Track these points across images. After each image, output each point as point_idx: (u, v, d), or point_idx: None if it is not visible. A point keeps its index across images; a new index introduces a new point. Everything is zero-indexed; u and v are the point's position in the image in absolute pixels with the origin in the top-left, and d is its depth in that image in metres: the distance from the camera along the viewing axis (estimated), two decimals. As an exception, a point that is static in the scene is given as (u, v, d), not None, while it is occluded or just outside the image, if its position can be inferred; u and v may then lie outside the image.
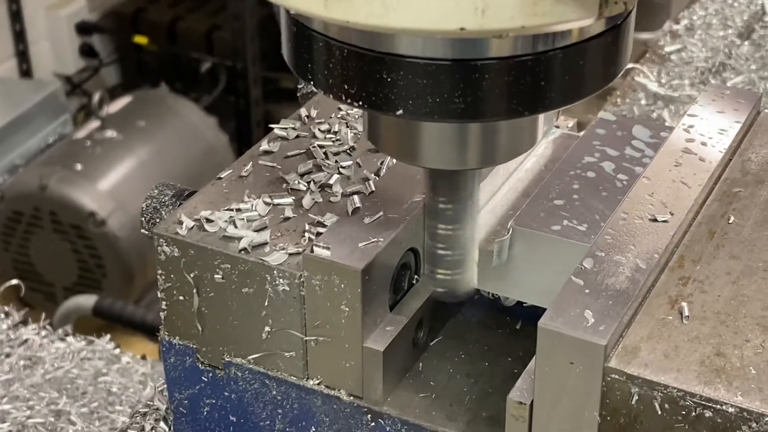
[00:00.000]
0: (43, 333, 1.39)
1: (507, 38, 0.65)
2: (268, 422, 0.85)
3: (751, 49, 1.46)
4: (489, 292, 0.88)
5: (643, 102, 1.34)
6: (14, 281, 1.51)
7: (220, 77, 3.50)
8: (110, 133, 2.85)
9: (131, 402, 1.32)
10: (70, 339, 1.40)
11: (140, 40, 3.50)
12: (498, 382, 0.83)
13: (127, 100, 3.06)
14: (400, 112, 0.68)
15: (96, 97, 2.87)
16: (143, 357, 1.51)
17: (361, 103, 0.69)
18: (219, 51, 3.48)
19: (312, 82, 0.71)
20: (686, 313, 0.74)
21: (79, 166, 2.74)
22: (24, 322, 1.42)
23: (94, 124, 2.88)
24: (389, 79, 0.67)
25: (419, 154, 0.75)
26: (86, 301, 2.50)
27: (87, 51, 3.45)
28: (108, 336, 1.45)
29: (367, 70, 0.68)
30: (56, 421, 1.26)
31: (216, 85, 3.50)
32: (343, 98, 0.70)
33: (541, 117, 0.76)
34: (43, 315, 1.44)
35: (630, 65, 1.43)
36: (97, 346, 1.41)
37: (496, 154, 0.75)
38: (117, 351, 1.43)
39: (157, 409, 0.96)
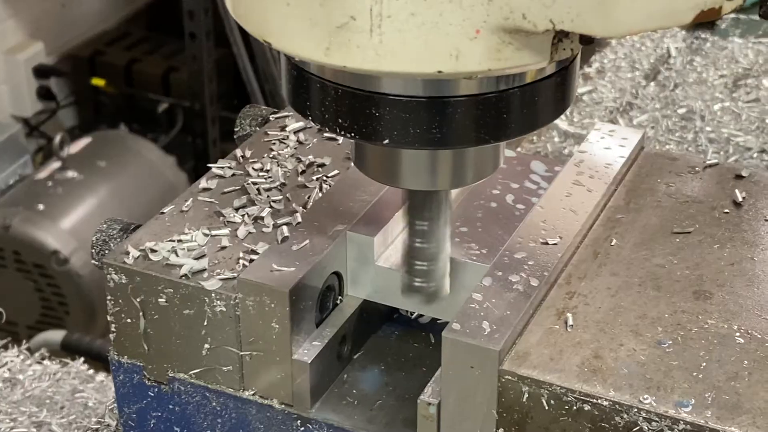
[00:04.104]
0: (21, 356, 1.48)
1: (475, 79, 0.76)
2: (209, 431, 0.94)
3: (656, 89, 1.58)
4: (406, 310, 0.99)
5: (556, 140, 1.45)
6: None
7: (177, 117, 3.57)
8: (71, 174, 2.90)
9: (107, 415, 1.40)
10: (46, 362, 1.49)
11: (98, 82, 3.57)
12: (413, 389, 0.92)
13: (87, 140, 3.09)
14: (386, 141, 0.79)
15: (57, 138, 2.91)
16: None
17: (352, 134, 0.79)
18: (176, 92, 3.55)
19: (309, 117, 0.82)
20: (570, 322, 0.85)
21: (41, 206, 2.77)
22: (5, 347, 1.51)
23: (55, 164, 2.92)
24: (377, 114, 0.78)
25: (400, 177, 0.85)
26: (55, 335, 2.53)
27: (44, 94, 3.49)
28: (81, 359, 1.54)
29: (358, 107, 0.78)
30: (38, 430, 1.35)
31: (173, 126, 3.57)
32: (337, 131, 0.80)
33: (503, 145, 0.87)
34: (24, 341, 1.51)
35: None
36: (71, 368, 1.50)
37: (466, 176, 0.86)
38: (91, 372, 1.52)
39: (108, 425, 1.05)
